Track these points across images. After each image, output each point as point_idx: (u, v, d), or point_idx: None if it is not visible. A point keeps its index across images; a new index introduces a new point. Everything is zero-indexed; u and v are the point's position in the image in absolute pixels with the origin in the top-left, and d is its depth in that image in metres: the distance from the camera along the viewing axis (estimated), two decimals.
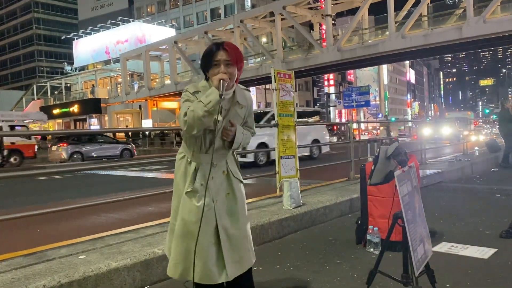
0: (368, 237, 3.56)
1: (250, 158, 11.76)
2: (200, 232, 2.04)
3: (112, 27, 49.25)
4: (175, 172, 2.21)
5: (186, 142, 2.17)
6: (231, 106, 2.13)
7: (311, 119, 15.89)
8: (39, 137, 25.63)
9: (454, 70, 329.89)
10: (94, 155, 19.62)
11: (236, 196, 2.20)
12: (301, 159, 7.17)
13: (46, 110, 44.87)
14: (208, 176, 2.10)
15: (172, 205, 2.22)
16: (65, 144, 19.04)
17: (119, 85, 43.34)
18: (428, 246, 2.31)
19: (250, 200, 5.03)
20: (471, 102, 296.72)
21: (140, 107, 38.01)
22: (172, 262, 2.13)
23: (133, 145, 22.68)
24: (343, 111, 55.08)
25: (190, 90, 2.09)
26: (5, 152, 17.40)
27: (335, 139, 31.31)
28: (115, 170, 12.61)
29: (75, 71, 51.68)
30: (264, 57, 32.13)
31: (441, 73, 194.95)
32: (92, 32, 50.97)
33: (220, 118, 2.02)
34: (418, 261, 2.11)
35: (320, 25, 34.05)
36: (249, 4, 47.19)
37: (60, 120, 45.11)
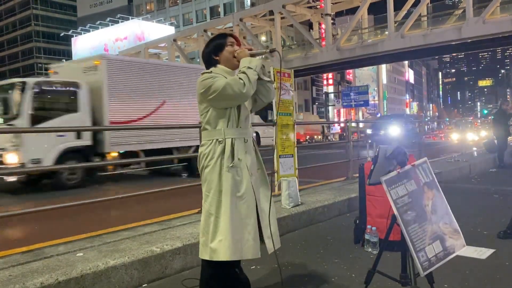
0: (367, 236, 3.55)
1: None
2: (247, 207, 2.15)
3: (111, 25, 49.16)
4: (206, 161, 2.18)
5: (212, 122, 2.20)
6: None
7: None
8: None
9: (453, 70, 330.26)
10: None
11: (265, 173, 2.35)
12: None
13: None
14: (243, 150, 2.20)
15: (209, 197, 2.17)
16: None
17: None
18: (453, 241, 2.24)
19: None
20: (469, 102, 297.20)
21: None
22: (225, 245, 2.08)
23: None
24: (342, 110, 55.03)
25: (207, 71, 2.23)
26: None
27: None
28: None
29: None
30: (263, 56, 32.07)
31: (440, 73, 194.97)
32: (91, 29, 50.88)
33: (267, 78, 2.27)
34: (428, 260, 2.09)
35: (320, 24, 34.03)
36: (249, 3, 47.13)
37: None
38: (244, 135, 2.23)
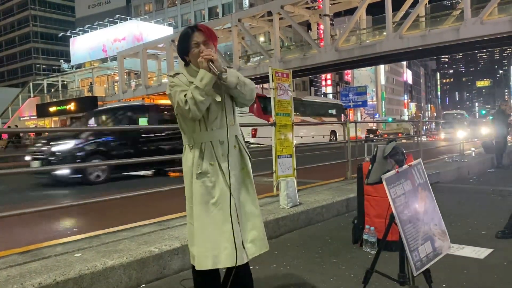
0: (365, 236, 3.56)
1: None
2: (223, 213, 2.05)
3: (110, 25, 49.10)
4: (183, 167, 2.18)
5: (183, 128, 2.16)
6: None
7: None
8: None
9: (451, 71, 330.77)
10: None
11: (249, 173, 2.21)
12: None
13: (43, 108, 44.74)
14: (216, 154, 2.09)
15: (186, 204, 2.19)
16: None
17: (116, 83, 43.17)
18: (441, 242, 2.26)
19: None
20: (467, 103, 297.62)
21: None
22: (201, 254, 2.05)
23: None
24: None
25: (171, 74, 2.14)
26: None
27: None
28: None
29: (72, 69, 51.51)
30: (261, 56, 32.10)
31: (438, 74, 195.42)
32: (89, 30, 50.81)
33: (219, 99, 2.07)
34: (420, 260, 2.10)
35: (318, 25, 34.04)
36: (247, 3, 47.11)
37: (57, 118, 44.94)
38: (219, 137, 2.11)
